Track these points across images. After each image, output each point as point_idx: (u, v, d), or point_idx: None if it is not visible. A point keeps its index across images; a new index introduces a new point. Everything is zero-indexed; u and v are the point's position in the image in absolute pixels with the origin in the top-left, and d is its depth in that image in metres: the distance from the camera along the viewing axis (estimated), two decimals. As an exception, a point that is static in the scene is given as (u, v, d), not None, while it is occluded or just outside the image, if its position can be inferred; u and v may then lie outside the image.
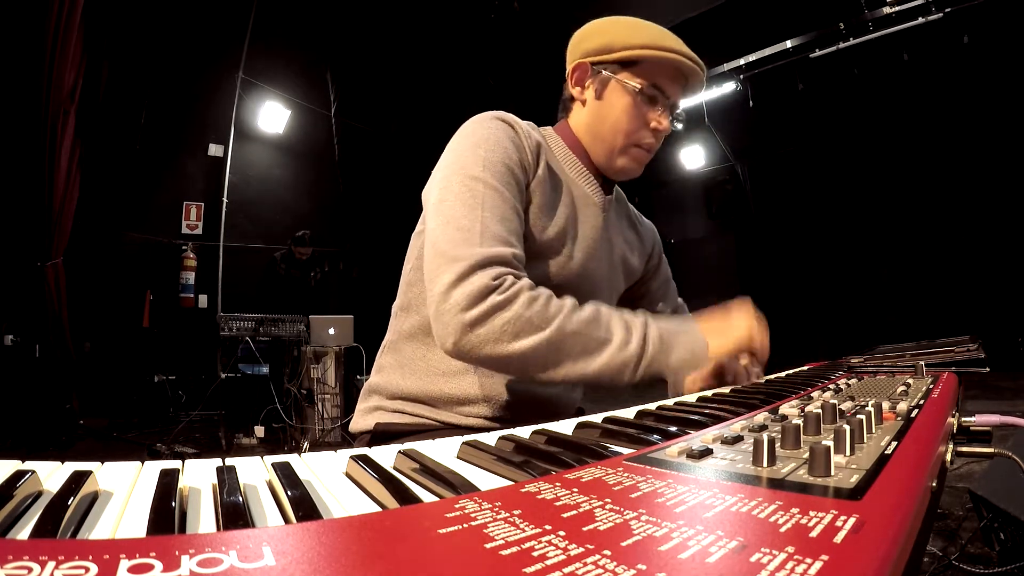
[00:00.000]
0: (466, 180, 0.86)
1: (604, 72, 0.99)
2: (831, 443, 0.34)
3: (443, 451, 0.50)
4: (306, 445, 4.02)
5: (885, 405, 0.54)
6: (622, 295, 1.19)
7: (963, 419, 0.66)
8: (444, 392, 0.95)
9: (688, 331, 0.91)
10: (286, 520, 0.31)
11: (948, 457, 0.50)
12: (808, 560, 0.21)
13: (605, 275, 1.08)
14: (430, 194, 0.91)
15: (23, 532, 0.28)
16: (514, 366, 0.82)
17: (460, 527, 0.24)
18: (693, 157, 7.70)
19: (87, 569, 0.19)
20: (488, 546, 0.22)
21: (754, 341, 0.92)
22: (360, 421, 1.03)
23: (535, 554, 0.21)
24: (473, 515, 0.26)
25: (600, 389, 0.90)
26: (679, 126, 1.03)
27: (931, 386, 0.72)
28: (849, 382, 0.81)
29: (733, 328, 0.92)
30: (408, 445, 0.48)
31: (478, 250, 0.80)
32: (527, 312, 0.78)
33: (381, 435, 0.97)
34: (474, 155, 0.89)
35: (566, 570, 0.20)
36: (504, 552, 0.22)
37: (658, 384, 0.99)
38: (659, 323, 0.89)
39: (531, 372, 0.83)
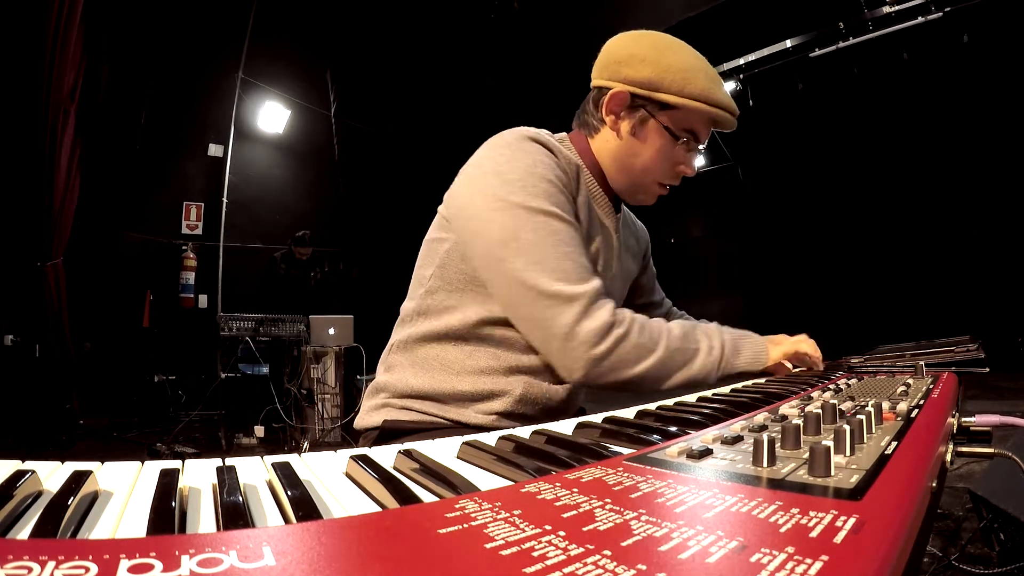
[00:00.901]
0: (535, 215, 0.88)
1: (645, 110, 0.98)
2: (831, 443, 0.34)
3: (443, 451, 0.50)
4: (306, 445, 4.02)
5: (885, 405, 0.54)
6: None
7: (963, 419, 0.66)
8: (457, 389, 0.95)
9: (749, 337, 1.02)
10: (286, 520, 0.31)
11: (948, 457, 0.50)
12: (808, 560, 0.21)
13: (619, 292, 1.13)
14: (482, 218, 0.90)
15: (23, 532, 0.28)
16: (634, 385, 0.92)
17: (460, 527, 0.24)
18: (693, 157, 7.69)
19: (87, 569, 0.19)
20: (488, 546, 0.22)
21: (805, 350, 1.06)
22: (367, 418, 1.03)
23: (535, 554, 0.21)
24: (473, 515, 0.26)
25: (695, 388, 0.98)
26: (701, 160, 1.07)
27: (931, 386, 0.72)
28: (849, 382, 0.81)
29: (787, 340, 1.06)
30: (408, 445, 0.48)
31: (586, 287, 0.87)
32: (642, 339, 0.89)
33: (389, 432, 0.97)
34: (531, 185, 0.89)
35: (566, 570, 0.20)
36: (504, 552, 0.22)
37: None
38: (724, 331, 1.01)
39: (645, 387, 0.92)
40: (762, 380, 0.99)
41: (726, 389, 0.89)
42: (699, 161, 1.12)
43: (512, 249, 0.87)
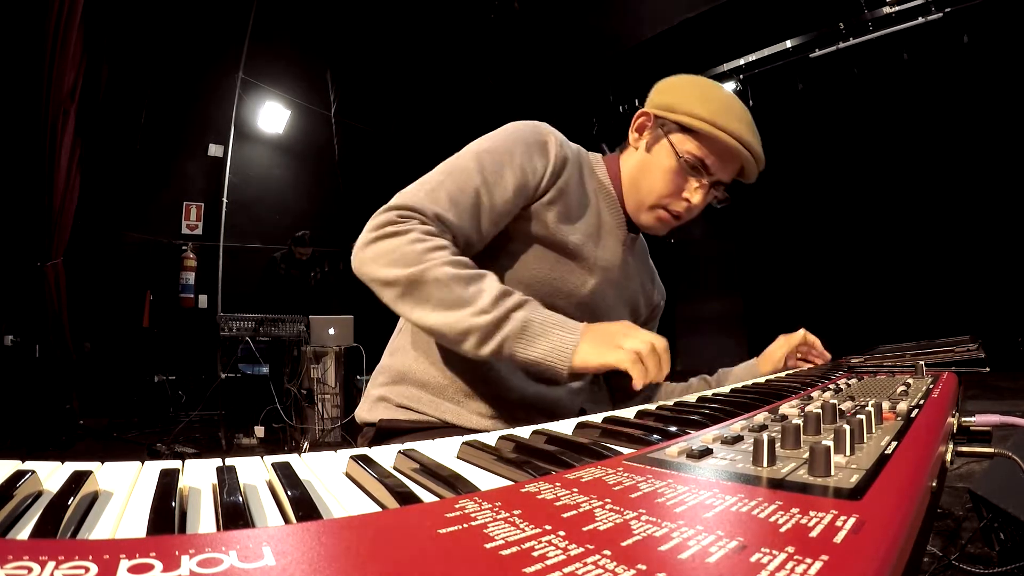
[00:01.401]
0: (463, 154, 0.94)
1: (661, 129, 1.01)
2: (831, 443, 0.34)
3: (443, 451, 0.50)
4: (306, 445, 4.02)
5: (885, 405, 0.54)
6: None
7: (963, 419, 0.66)
8: (454, 381, 0.96)
9: (564, 331, 0.82)
10: (286, 520, 0.31)
11: (948, 457, 0.50)
12: (808, 560, 0.21)
13: (616, 304, 1.11)
14: None
15: (23, 532, 0.28)
16: (383, 293, 0.86)
17: (460, 527, 0.24)
18: (693, 157, 7.69)
19: (87, 569, 0.19)
20: (488, 546, 0.22)
21: (635, 366, 0.79)
22: (366, 413, 1.04)
23: (535, 554, 0.21)
24: (473, 515, 0.26)
25: (451, 342, 0.85)
26: (718, 206, 1.06)
27: (931, 386, 0.72)
28: (849, 382, 0.81)
29: (615, 343, 0.81)
30: (408, 445, 0.48)
31: (409, 198, 0.88)
32: (406, 247, 0.83)
33: (384, 431, 0.98)
34: (491, 141, 0.96)
35: (566, 570, 0.20)
36: (504, 552, 0.22)
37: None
38: (537, 312, 0.83)
39: (394, 304, 0.85)
40: (760, 381, 0.99)
41: (726, 389, 0.89)
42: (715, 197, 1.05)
43: None
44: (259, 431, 4.28)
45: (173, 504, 0.30)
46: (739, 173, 1.03)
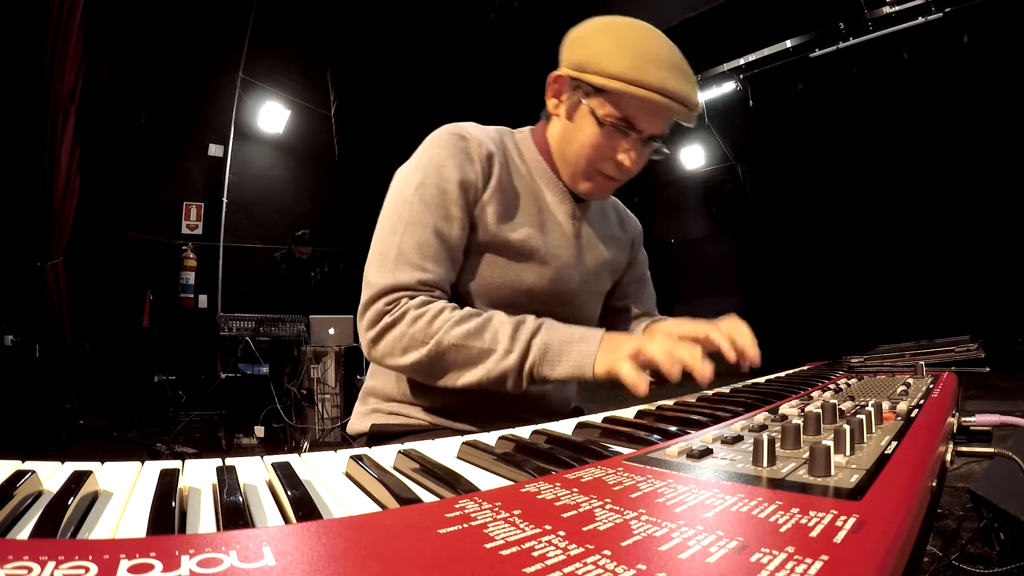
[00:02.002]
0: (398, 204, 0.92)
1: (577, 92, 0.92)
2: (831, 443, 0.34)
3: (443, 451, 0.50)
4: (306, 445, 4.02)
5: (885, 405, 0.54)
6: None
7: (963, 419, 0.66)
8: (439, 393, 0.95)
9: (584, 343, 0.84)
10: (286, 520, 0.31)
11: (948, 457, 0.50)
12: (808, 560, 0.21)
13: (588, 279, 1.06)
14: None
15: (23, 532, 0.28)
16: (412, 375, 0.91)
17: (460, 527, 0.24)
18: (693, 157, 7.70)
19: (87, 569, 0.19)
20: (488, 546, 0.22)
21: (649, 361, 0.78)
22: (357, 423, 1.04)
23: (535, 554, 0.21)
24: (473, 515, 0.26)
25: (496, 390, 0.88)
26: (661, 156, 0.97)
27: (931, 386, 0.72)
28: (849, 382, 0.81)
29: (627, 347, 0.80)
30: (408, 445, 0.48)
31: (386, 277, 0.88)
32: (411, 329, 0.85)
33: (377, 437, 0.97)
34: (412, 177, 0.93)
35: (566, 570, 0.20)
36: (504, 552, 0.22)
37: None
38: (553, 332, 0.85)
39: (430, 380, 0.89)
40: (760, 381, 0.99)
41: (726, 389, 0.89)
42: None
43: (375, 232, 0.95)
44: (259, 431, 4.28)
45: (173, 504, 0.30)
46: (668, 122, 0.93)
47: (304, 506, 0.31)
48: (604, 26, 0.93)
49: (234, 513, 0.29)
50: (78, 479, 0.33)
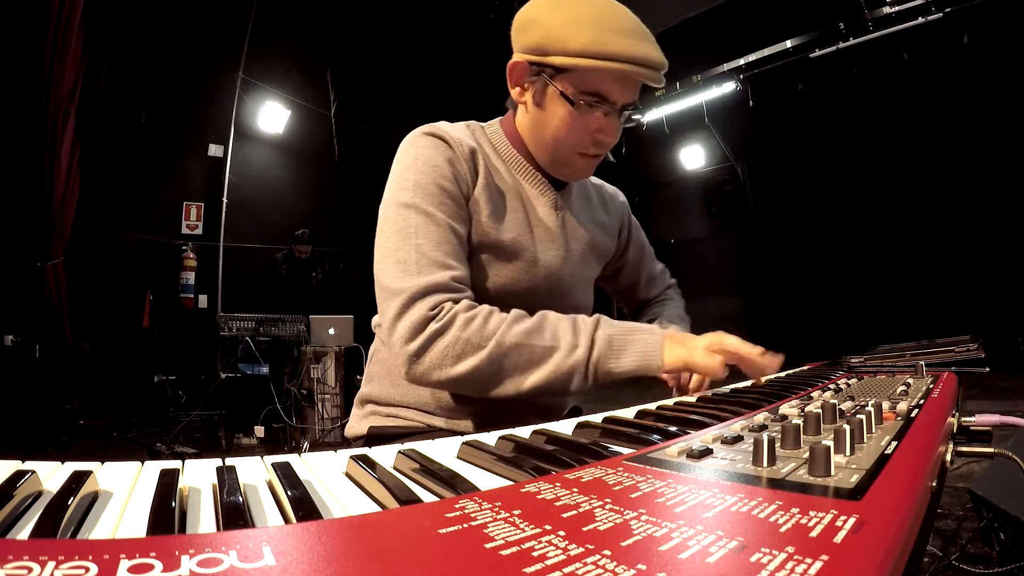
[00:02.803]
0: (399, 209, 0.87)
1: (541, 77, 0.89)
2: (831, 443, 0.34)
3: (443, 451, 0.50)
4: (306, 445, 4.02)
5: (885, 405, 0.54)
6: (603, 275, 1.18)
7: (963, 419, 0.66)
8: (435, 397, 0.95)
9: (645, 333, 0.85)
10: (286, 520, 0.31)
11: (948, 457, 0.50)
12: (808, 560, 0.21)
13: (577, 269, 1.05)
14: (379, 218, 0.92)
15: (23, 532, 0.28)
16: (465, 386, 0.83)
17: (460, 527, 0.24)
18: (693, 157, 7.70)
19: (87, 569, 0.19)
20: (488, 546, 0.22)
21: (724, 352, 0.84)
22: (355, 427, 1.03)
23: (535, 554, 0.21)
24: (473, 515, 0.26)
25: (553, 394, 0.87)
26: (634, 122, 0.95)
27: (931, 386, 0.72)
28: (849, 382, 0.81)
29: (697, 340, 0.85)
30: (408, 445, 0.48)
31: (415, 280, 0.81)
32: (464, 334, 0.80)
33: (375, 439, 0.97)
34: (405, 180, 0.88)
35: (566, 570, 0.20)
36: (504, 552, 0.22)
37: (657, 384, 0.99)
38: (613, 326, 0.86)
39: (483, 390, 0.83)
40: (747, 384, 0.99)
41: (726, 389, 0.89)
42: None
43: (377, 244, 0.88)
44: (259, 431, 4.28)
45: (173, 504, 0.30)
46: (638, 87, 0.91)
47: (304, 506, 0.31)
48: (554, 3, 0.89)
49: (234, 513, 0.29)
50: (78, 479, 0.33)
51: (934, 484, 0.38)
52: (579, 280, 1.07)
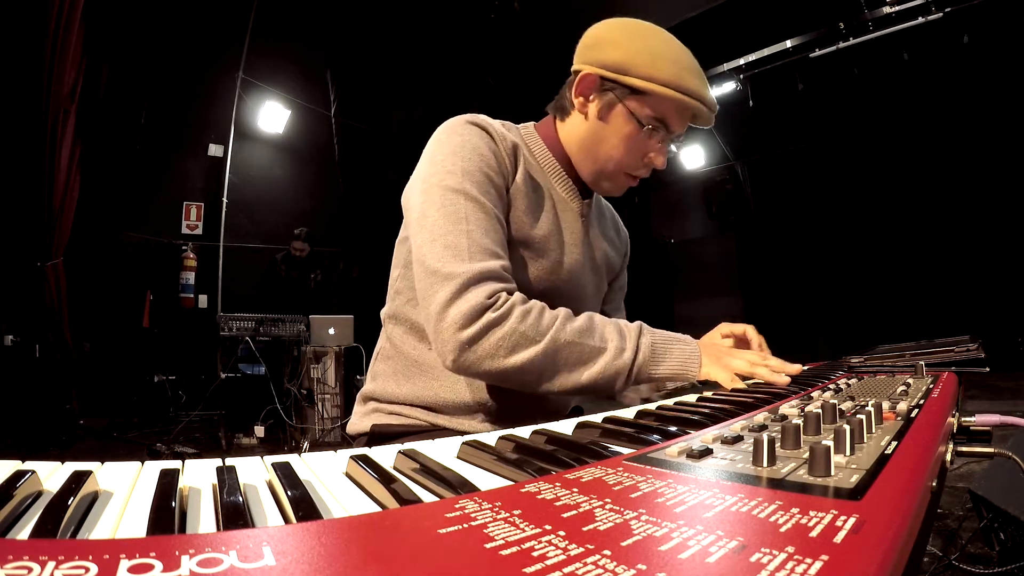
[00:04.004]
0: (447, 193, 0.86)
1: (613, 94, 0.94)
2: (831, 443, 0.34)
3: (443, 451, 0.50)
4: (306, 445, 4.02)
5: (885, 405, 0.54)
6: None
7: (963, 419, 0.66)
8: (440, 396, 0.95)
9: (683, 343, 0.90)
10: (286, 520, 0.31)
11: (948, 457, 0.50)
12: (808, 560, 0.21)
13: (590, 279, 1.08)
14: (411, 204, 0.91)
15: (23, 532, 0.28)
16: (513, 379, 0.83)
17: (460, 527, 0.24)
18: (693, 157, 7.70)
19: (87, 569, 0.19)
20: (488, 546, 0.22)
21: (750, 370, 0.88)
22: (357, 424, 1.03)
23: (535, 554, 0.21)
24: (473, 515, 0.26)
25: (600, 395, 0.90)
26: (674, 149, 1.01)
27: (931, 386, 0.72)
28: (849, 382, 0.81)
29: (731, 359, 0.90)
30: (408, 445, 0.48)
31: (469, 266, 0.81)
32: (521, 326, 0.80)
33: (377, 436, 0.97)
34: (452, 164, 0.88)
35: (566, 570, 0.20)
36: (504, 552, 0.22)
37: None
38: (654, 333, 0.90)
39: (530, 384, 0.84)
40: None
41: (726, 389, 0.89)
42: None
43: (420, 226, 0.86)
44: (259, 431, 4.28)
45: (173, 504, 0.30)
46: (692, 123, 0.98)
47: (304, 506, 0.31)
48: (634, 30, 0.95)
49: (234, 513, 0.29)
50: (78, 479, 0.33)
51: (934, 484, 0.38)
52: (594, 288, 1.10)
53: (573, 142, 1.01)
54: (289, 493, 0.33)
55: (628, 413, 0.68)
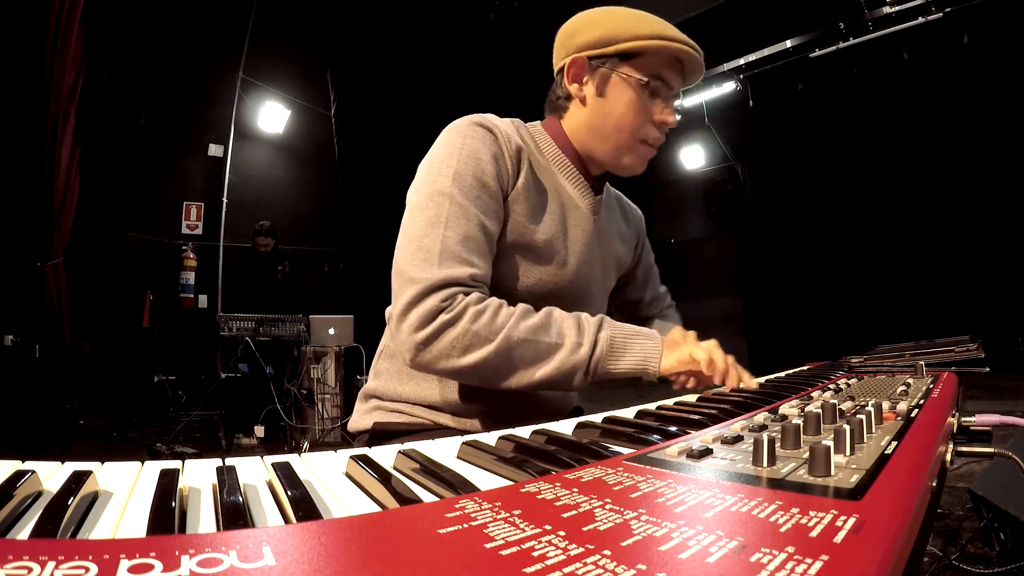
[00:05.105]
0: (434, 195, 0.87)
1: (604, 67, 0.95)
2: (831, 443, 0.34)
3: (443, 451, 0.50)
4: (306, 445, 4.02)
5: (885, 405, 0.54)
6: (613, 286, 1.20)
7: (963, 419, 0.66)
8: (443, 395, 0.95)
9: (645, 338, 0.89)
10: (286, 520, 0.31)
11: (948, 457, 0.50)
12: (808, 560, 0.21)
13: (598, 277, 1.08)
14: (407, 201, 0.92)
15: (23, 532, 0.28)
16: (470, 377, 0.85)
17: (460, 527, 0.24)
18: (693, 157, 7.70)
19: (87, 569, 0.19)
20: (488, 546, 0.22)
21: (709, 366, 0.88)
22: (359, 421, 1.03)
23: (535, 554, 0.21)
24: (473, 515, 0.26)
25: (556, 390, 0.90)
26: (679, 117, 1.00)
27: (931, 386, 0.72)
28: (849, 382, 0.81)
29: (691, 348, 0.90)
30: (408, 445, 0.48)
31: (435, 272, 0.82)
32: (473, 327, 0.81)
33: (379, 434, 0.97)
34: (446, 167, 0.88)
35: (566, 570, 0.20)
36: (504, 552, 0.22)
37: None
38: (614, 327, 0.89)
39: (489, 381, 0.85)
40: (760, 380, 0.99)
41: (726, 389, 0.89)
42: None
43: (404, 225, 0.88)
44: (259, 431, 4.28)
45: (173, 504, 0.30)
46: (684, 77, 1.00)
47: (304, 506, 0.31)
48: (602, 10, 0.97)
49: (234, 513, 0.29)
50: (78, 479, 0.33)
51: (934, 484, 0.38)
52: (600, 288, 1.09)
53: (580, 130, 1.00)
54: (289, 493, 0.33)
55: (628, 413, 0.68)
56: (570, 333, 0.86)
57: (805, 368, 1.21)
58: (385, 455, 0.46)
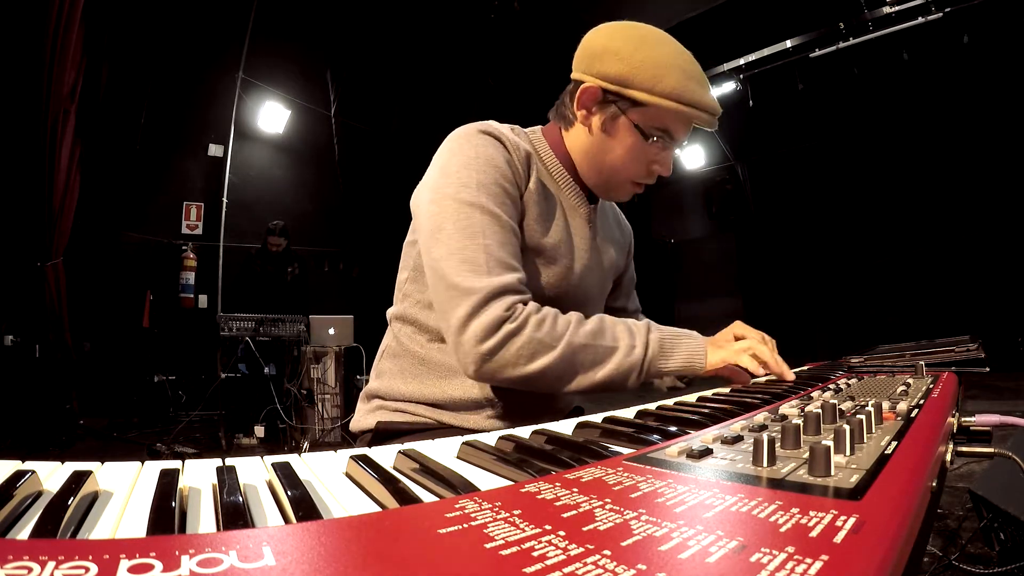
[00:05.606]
0: (462, 206, 0.87)
1: (615, 106, 0.94)
2: (831, 443, 0.34)
3: (443, 451, 0.50)
4: (306, 445, 4.02)
5: (885, 405, 0.54)
6: None
7: (963, 419, 0.66)
8: (447, 394, 0.95)
9: (690, 338, 0.95)
10: (286, 520, 0.31)
11: (948, 457, 0.50)
12: (808, 560, 0.21)
13: (597, 283, 1.10)
14: (421, 211, 0.92)
15: (23, 532, 0.28)
16: (534, 383, 0.87)
17: (460, 527, 0.24)
18: (693, 157, 7.70)
19: (87, 569, 0.19)
20: (488, 546, 0.22)
21: (756, 358, 0.94)
22: (361, 420, 1.03)
23: (535, 554, 0.21)
24: (473, 515, 0.26)
25: (608, 391, 0.93)
26: (677, 153, 1.02)
27: (931, 386, 0.72)
28: (849, 382, 0.81)
29: (735, 344, 0.96)
30: (408, 445, 0.48)
31: (487, 280, 0.84)
32: (537, 334, 0.84)
33: (382, 433, 0.98)
34: (467, 177, 0.88)
35: (566, 570, 0.20)
36: (504, 552, 0.22)
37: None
38: (660, 330, 0.94)
39: (551, 386, 0.88)
40: (760, 381, 0.99)
41: (726, 389, 0.89)
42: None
43: (436, 239, 0.88)
44: (259, 431, 4.28)
45: (173, 504, 0.30)
46: (696, 130, 1.01)
47: (304, 506, 0.31)
48: (635, 39, 0.93)
49: (234, 513, 0.29)
50: (78, 479, 0.33)
51: (934, 484, 0.38)
52: (600, 292, 1.12)
53: (578, 153, 1.02)
54: (289, 493, 0.33)
55: (628, 413, 0.68)
56: (624, 336, 0.90)
57: (805, 368, 1.21)
58: (385, 455, 0.46)
